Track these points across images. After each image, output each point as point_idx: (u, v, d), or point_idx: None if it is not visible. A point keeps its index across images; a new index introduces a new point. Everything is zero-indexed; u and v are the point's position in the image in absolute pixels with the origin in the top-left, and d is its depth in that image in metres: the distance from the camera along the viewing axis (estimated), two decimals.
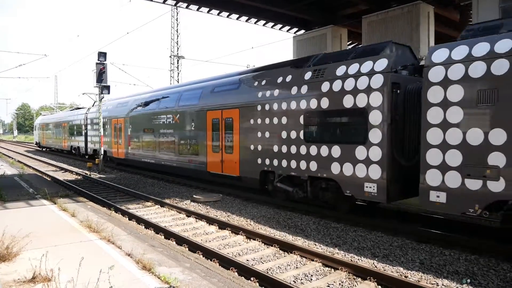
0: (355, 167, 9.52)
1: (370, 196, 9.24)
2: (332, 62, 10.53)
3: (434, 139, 7.85)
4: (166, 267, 5.82)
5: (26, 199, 11.29)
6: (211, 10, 22.09)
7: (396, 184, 9.08)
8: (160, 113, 18.53)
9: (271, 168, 12.04)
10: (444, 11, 19.71)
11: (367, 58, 9.61)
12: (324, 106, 10.32)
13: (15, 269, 5.48)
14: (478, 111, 7.26)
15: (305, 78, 10.97)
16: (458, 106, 7.50)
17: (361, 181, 9.37)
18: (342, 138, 9.94)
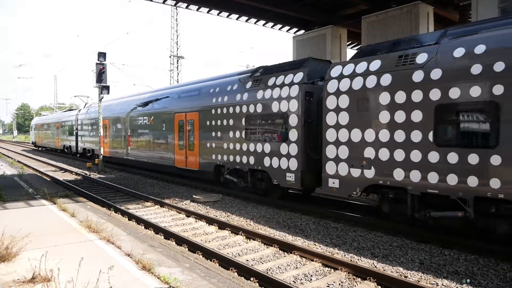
0: (280, 161, 11.77)
1: (290, 184, 11.46)
2: (266, 74, 12.81)
3: (330, 137, 10.06)
4: (166, 267, 5.81)
5: (25, 199, 11.28)
6: (211, 10, 22.10)
7: (309, 174, 11.21)
8: (137, 116, 20.79)
9: (222, 162, 14.31)
10: (444, 11, 19.72)
11: (290, 71, 11.82)
12: (259, 111, 12.62)
13: (14, 269, 5.47)
14: (358, 115, 9.46)
15: (246, 87, 13.30)
16: (345, 112, 9.73)
17: (284, 171, 11.60)
18: (273, 136, 12.12)
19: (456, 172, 7.66)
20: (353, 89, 9.57)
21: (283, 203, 11.98)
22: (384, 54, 9.38)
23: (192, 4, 21.17)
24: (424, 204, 8.48)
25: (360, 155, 9.37)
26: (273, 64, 13.76)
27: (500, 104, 7.06)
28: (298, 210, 11.25)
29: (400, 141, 8.58)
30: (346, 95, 9.71)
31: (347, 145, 9.66)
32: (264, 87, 12.43)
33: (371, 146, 9.17)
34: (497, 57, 7.17)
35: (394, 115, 8.70)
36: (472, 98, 7.48)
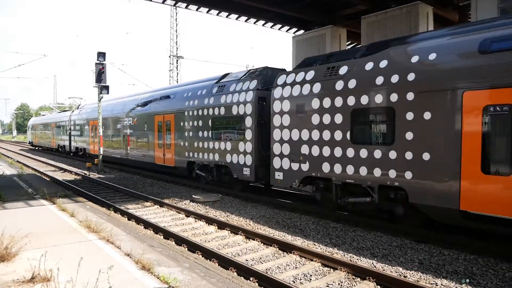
0: (238, 157, 13.49)
1: (246, 177, 13.22)
2: (229, 80, 14.62)
3: (276, 137, 11.79)
4: (165, 267, 5.82)
5: (25, 199, 11.28)
6: (210, 10, 22.10)
7: (261, 168, 12.89)
8: (123, 117, 22.60)
9: (193, 159, 16.10)
10: (443, 12, 19.73)
11: (248, 79, 13.60)
12: (222, 113, 14.37)
13: (14, 269, 5.47)
14: (296, 118, 11.15)
15: (213, 92, 15.06)
16: (287, 114, 11.42)
17: (242, 166, 13.35)
18: (233, 136, 13.83)
19: (366, 165, 9.31)
20: (293, 95, 11.30)
21: (283, 203, 11.99)
22: (317, 66, 10.99)
23: (191, 4, 21.18)
24: (345, 192, 10.13)
25: (298, 152, 11.10)
26: (235, 72, 15.46)
27: (395, 109, 8.66)
28: (298, 210, 11.25)
29: (327, 140, 10.29)
30: (288, 100, 11.44)
31: (289, 143, 11.43)
32: (227, 93, 14.23)
33: (306, 144, 10.88)
34: (393, 70, 8.79)
35: (322, 118, 10.41)
36: (376, 104, 9.11)
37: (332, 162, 10.12)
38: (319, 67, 10.83)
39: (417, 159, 8.27)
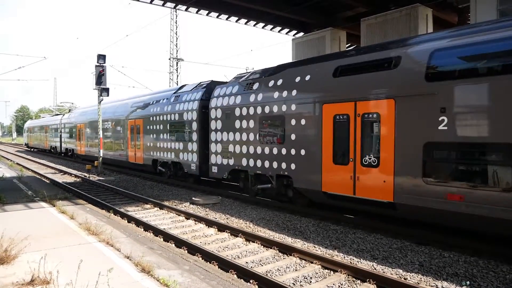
0: (188, 155, 16.48)
1: (193, 172, 16.20)
2: (182, 91, 17.62)
3: (213, 138, 14.70)
4: (165, 270, 5.80)
5: (25, 202, 11.27)
6: (210, 13, 22.15)
7: (204, 164, 15.59)
8: (103, 121, 24.61)
9: (156, 157, 19.02)
10: (443, 14, 19.77)
11: (195, 90, 16.58)
12: (176, 119, 17.27)
13: (13, 271, 5.46)
14: (226, 123, 13.99)
15: (171, 101, 17.98)
16: (220, 120, 14.30)
17: (190, 163, 16.36)
18: (184, 138, 16.77)
19: (268, 159, 12.15)
20: (223, 105, 14.17)
21: (283, 205, 11.98)
22: (241, 81, 13.70)
23: (191, 7, 21.22)
24: (257, 181, 12.95)
25: (227, 150, 13.96)
26: (189, 84, 18.07)
27: (285, 117, 11.48)
28: (298, 212, 11.24)
29: (244, 140, 13.13)
30: (220, 109, 14.32)
31: (221, 143, 14.30)
32: (180, 102, 17.14)
33: (232, 143, 13.72)
34: (284, 87, 11.64)
35: (242, 123, 13.24)
36: (274, 113, 11.94)
37: (248, 157, 13.03)
38: (242, 82, 13.70)
39: (298, 154, 11.10)
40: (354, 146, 9.50)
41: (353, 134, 9.53)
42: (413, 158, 8.32)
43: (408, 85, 8.54)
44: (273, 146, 11.92)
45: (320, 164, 10.32)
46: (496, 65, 7.41)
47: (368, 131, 9.34)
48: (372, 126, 9.29)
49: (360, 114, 9.44)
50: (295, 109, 11.19)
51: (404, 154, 8.51)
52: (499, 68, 7.32)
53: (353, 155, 9.51)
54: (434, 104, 7.96)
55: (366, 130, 9.35)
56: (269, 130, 12.13)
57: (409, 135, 8.44)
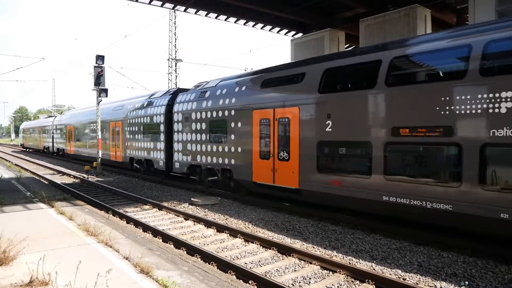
0: (157, 153, 18.96)
1: (161, 167, 18.63)
2: (154, 97, 20.04)
3: (175, 138, 17.12)
4: (164, 271, 5.80)
5: (23, 203, 11.25)
6: (209, 14, 22.15)
7: (169, 161, 17.93)
8: (89, 123, 27.89)
9: (132, 155, 21.51)
10: (441, 14, 19.79)
11: (163, 97, 19.02)
12: (148, 121, 19.71)
13: (12, 273, 5.45)
14: (185, 125, 16.48)
15: (144, 105, 20.35)
16: (180, 123, 16.72)
17: (158, 160, 18.85)
18: (154, 138, 19.19)
19: (215, 156, 14.60)
20: (183, 110, 16.66)
21: (282, 206, 11.98)
22: (198, 89, 16.30)
23: (190, 7, 21.22)
24: (208, 174, 15.32)
25: (186, 148, 16.41)
26: (161, 91, 20.50)
27: (227, 120, 13.92)
28: (297, 213, 11.25)
29: (199, 140, 15.60)
30: (181, 113, 16.82)
31: (181, 143, 16.77)
32: (152, 106, 19.60)
33: (189, 143, 16.17)
34: (226, 96, 14.21)
35: (197, 125, 15.68)
36: (219, 117, 14.36)
37: (201, 155, 15.48)
38: (197, 90, 16.28)
39: (236, 151, 13.57)
40: (273, 144, 12.04)
41: (272, 134, 12.07)
42: (311, 153, 10.73)
43: (308, 96, 10.98)
44: (219, 145, 14.45)
45: (251, 160, 12.91)
46: (354, 83, 10.30)
47: (282, 132, 11.77)
48: (284, 128, 11.72)
49: (277, 118, 11.91)
50: (234, 114, 13.70)
51: (305, 150, 10.93)
52: (356, 85, 10.17)
53: (273, 151, 12.02)
54: (324, 111, 10.38)
55: (280, 132, 11.82)
56: (216, 131, 14.68)
57: (308, 135, 10.85)
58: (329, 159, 10.62)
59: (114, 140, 23.64)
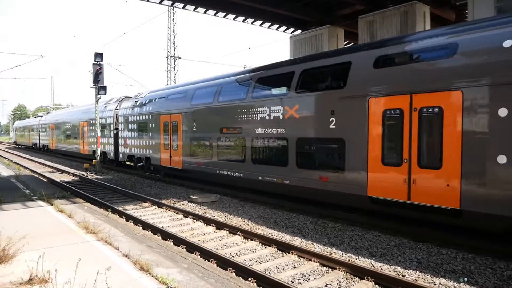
0: (109, 147, 24.40)
1: (112, 157, 24.16)
2: (109, 102, 25.99)
3: (120, 135, 22.50)
4: (164, 268, 5.81)
5: (22, 201, 11.24)
6: (208, 11, 22.07)
7: (117, 153, 23.32)
8: (65, 122, 33.89)
9: (94, 149, 24.71)
10: (440, 11, 19.75)
11: (114, 102, 24.81)
12: (104, 122, 24.91)
13: (11, 270, 5.45)
14: (126, 126, 21.95)
15: (101, 109, 24.81)
16: (123, 124, 22.19)
17: (110, 152, 24.35)
18: (107, 135, 24.55)
19: (142, 148, 19.92)
20: (124, 114, 22.15)
21: (281, 203, 11.99)
22: (133, 98, 22.27)
23: (188, 4, 21.14)
24: (138, 161, 20.49)
25: (127, 143, 21.45)
26: (115, 98, 25.90)
27: (147, 123, 19.05)
28: (296, 210, 11.26)
29: (132, 137, 20.71)
30: (122, 116, 22.30)
31: (123, 139, 22.02)
32: (106, 110, 25.10)
33: (128, 138, 21.32)
34: (148, 104, 19.76)
35: (134, 125, 20.74)
36: (143, 120, 19.52)
37: (135, 147, 20.74)
38: (132, 99, 22.30)
39: (152, 144, 18.93)
40: (171, 138, 17.33)
41: (169, 132, 17.40)
42: (188, 145, 16.41)
43: (186, 105, 16.47)
44: (143, 140, 19.80)
45: (159, 150, 18.26)
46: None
47: (171, 129, 17.33)
48: (168, 128, 17.50)
49: (172, 121, 17.17)
50: (150, 118, 19.09)
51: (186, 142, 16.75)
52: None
53: (169, 142, 17.44)
54: (192, 117, 16.03)
55: (172, 129, 17.18)
56: (142, 130, 19.93)
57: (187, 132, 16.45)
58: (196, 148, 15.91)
59: (82, 138, 29.66)
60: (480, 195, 7.21)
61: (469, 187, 7.33)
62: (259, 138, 12.39)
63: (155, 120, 18.49)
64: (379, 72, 9.03)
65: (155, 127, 18.48)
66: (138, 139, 20.22)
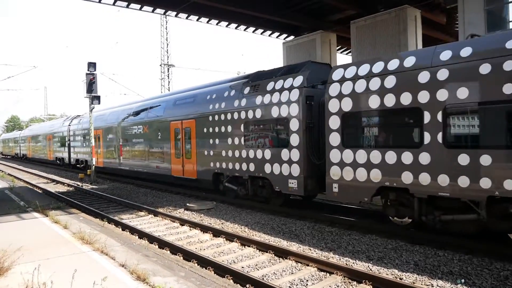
0: (64, 154, 32.41)
1: (66, 162, 32.11)
2: (64, 120, 35.11)
3: (72, 145, 30.63)
4: (161, 277, 5.77)
5: (17, 212, 11.15)
6: (200, 18, 22.18)
7: (70, 159, 30.69)
8: (37, 136, 41.07)
9: (57, 155, 32.55)
10: (431, 15, 19.97)
11: (68, 120, 34.14)
12: (61, 135, 32.79)
13: (6, 283, 5.39)
14: (75, 138, 30.46)
15: (59, 126, 33.19)
16: (72, 137, 30.95)
17: (65, 157, 32.20)
18: (63, 145, 32.43)
19: (81, 153, 28.18)
20: (73, 129, 29.52)
21: (279, 209, 11.97)
22: (78, 117, 30.51)
23: (181, 12, 21.23)
24: (79, 162, 28.79)
25: (75, 151, 29.22)
26: (70, 116, 31.02)
27: (85, 134, 26.35)
28: (293, 216, 11.25)
29: (78, 145, 29.19)
30: (72, 131, 29.83)
31: (73, 147, 29.94)
32: (61, 126, 30.65)
33: (76, 147, 29.40)
34: (98, 119, 25.20)
35: (77, 138, 28.93)
36: (85, 130, 26.17)
37: (78, 153, 29.06)
38: (78, 119, 29.49)
39: (82, 151, 27.87)
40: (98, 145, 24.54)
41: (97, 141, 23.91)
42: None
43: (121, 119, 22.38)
44: (83, 148, 27.26)
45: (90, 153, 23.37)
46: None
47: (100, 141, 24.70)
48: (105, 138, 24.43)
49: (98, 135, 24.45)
50: (106, 129, 24.46)
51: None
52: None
53: (98, 148, 24.48)
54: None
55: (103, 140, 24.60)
56: (83, 141, 26.96)
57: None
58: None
59: (49, 148, 36.18)
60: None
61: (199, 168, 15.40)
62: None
63: (83, 133, 26.95)
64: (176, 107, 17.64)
65: (80, 138, 28.33)
66: (80, 147, 28.19)
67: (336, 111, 9.85)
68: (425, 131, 8.07)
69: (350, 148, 9.55)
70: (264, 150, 12.20)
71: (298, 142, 11.05)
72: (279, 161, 11.61)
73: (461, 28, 14.99)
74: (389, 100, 8.72)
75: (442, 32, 23.54)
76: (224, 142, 13.93)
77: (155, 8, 20.44)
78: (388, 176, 8.74)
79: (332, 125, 9.98)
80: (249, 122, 12.87)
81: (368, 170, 9.10)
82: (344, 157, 9.67)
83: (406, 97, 8.40)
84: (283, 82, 11.76)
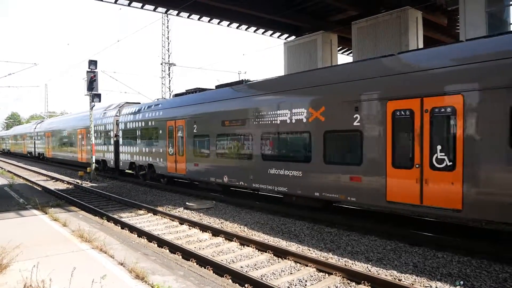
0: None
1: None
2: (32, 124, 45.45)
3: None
4: (160, 276, 5.77)
5: (16, 210, 11.15)
6: (202, 17, 22.17)
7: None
8: (19, 134, 49.09)
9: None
10: (433, 16, 19.98)
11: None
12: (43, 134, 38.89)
13: (5, 281, 5.39)
14: (41, 138, 39.97)
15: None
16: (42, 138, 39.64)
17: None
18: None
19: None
20: (41, 130, 39.72)
21: (277, 209, 11.98)
22: (38, 123, 42.12)
23: (183, 11, 21.23)
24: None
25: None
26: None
27: (76, 134, 29.65)
28: (292, 216, 11.25)
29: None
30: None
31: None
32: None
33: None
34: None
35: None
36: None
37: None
38: (39, 124, 41.12)
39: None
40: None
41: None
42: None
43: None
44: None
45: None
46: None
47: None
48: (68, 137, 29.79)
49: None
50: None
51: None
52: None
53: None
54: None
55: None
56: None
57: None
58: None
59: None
60: None
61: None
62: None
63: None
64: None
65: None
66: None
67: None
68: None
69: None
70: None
71: (115, 143, 22.72)
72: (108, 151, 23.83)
73: (462, 29, 14.98)
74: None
75: (443, 34, 23.56)
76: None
77: (157, 6, 20.45)
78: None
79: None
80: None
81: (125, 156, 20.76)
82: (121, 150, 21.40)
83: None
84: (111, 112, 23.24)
